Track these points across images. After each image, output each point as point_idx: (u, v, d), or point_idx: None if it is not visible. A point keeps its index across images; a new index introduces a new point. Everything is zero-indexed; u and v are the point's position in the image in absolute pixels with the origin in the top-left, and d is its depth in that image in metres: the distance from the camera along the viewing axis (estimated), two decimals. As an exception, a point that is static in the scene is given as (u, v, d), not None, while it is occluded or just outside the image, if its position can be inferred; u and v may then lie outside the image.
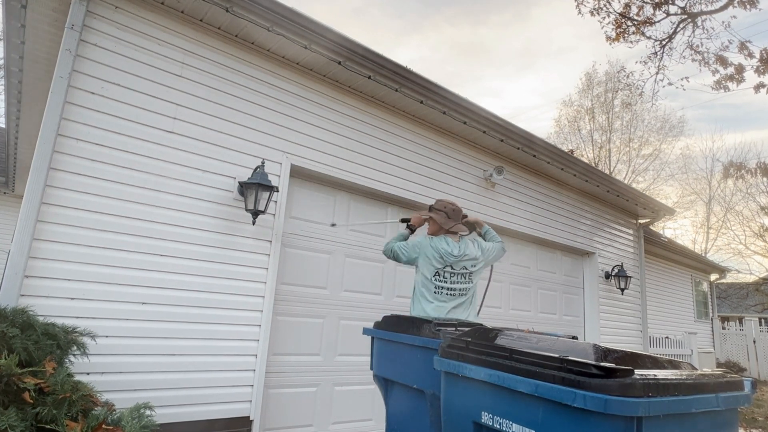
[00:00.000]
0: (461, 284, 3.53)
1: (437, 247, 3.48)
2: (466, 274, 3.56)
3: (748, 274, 24.40)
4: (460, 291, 3.53)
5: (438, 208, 3.64)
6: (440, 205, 3.66)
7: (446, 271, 3.48)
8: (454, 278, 3.50)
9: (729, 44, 8.71)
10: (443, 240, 3.53)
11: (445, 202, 3.69)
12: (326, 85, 4.69)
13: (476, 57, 45.07)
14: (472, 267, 3.60)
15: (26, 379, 2.23)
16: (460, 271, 3.53)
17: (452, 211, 3.62)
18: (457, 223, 3.64)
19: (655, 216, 9.18)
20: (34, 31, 3.93)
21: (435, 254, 3.45)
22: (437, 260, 3.46)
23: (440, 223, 3.59)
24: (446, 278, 3.48)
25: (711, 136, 44.97)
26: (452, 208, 3.65)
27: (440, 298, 3.45)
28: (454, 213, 3.63)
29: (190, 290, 3.65)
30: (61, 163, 3.21)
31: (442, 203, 3.68)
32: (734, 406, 1.86)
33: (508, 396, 1.89)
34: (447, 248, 3.48)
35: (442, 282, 3.47)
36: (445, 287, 3.47)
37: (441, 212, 3.62)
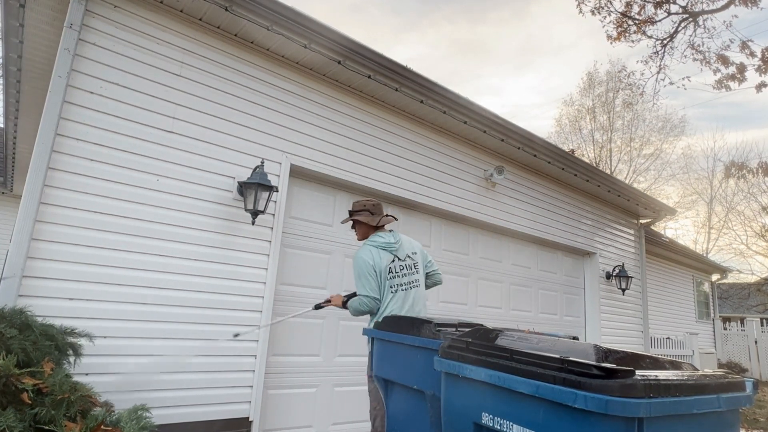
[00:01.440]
0: (411, 275, 3.35)
1: (377, 243, 3.30)
2: (412, 264, 3.39)
3: (749, 275, 24.36)
4: (413, 283, 3.34)
5: (358, 209, 3.43)
6: (358, 205, 3.45)
7: (395, 265, 3.29)
8: (404, 270, 3.32)
9: (730, 43, 8.71)
10: (376, 236, 3.35)
11: (363, 201, 3.48)
12: (326, 84, 4.68)
13: (475, 54, 45.05)
14: (414, 256, 3.43)
15: (24, 379, 2.22)
16: (406, 262, 3.36)
17: (373, 206, 3.44)
18: (383, 216, 3.45)
19: (656, 216, 9.16)
20: (32, 31, 3.92)
21: (379, 254, 3.26)
22: (384, 257, 3.26)
23: (367, 222, 3.39)
24: (398, 273, 3.29)
25: (712, 135, 44.96)
26: (372, 203, 3.46)
27: (397, 297, 3.25)
28: (376, 207, 3.45)
29: (190, 290, 3.64)
30: (60, 162, 3.20)
31: (360, 203, 3.47)
32: (735, 406, 1.86)
33: (509, 397, 1.88)
34: (383, 240, 3.31)
35: (394, 279, 3.27)
36: (398, 283, 3.27)
37: (363, 212, 3.41)
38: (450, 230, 5.91)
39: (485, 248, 6.30)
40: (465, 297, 5.93)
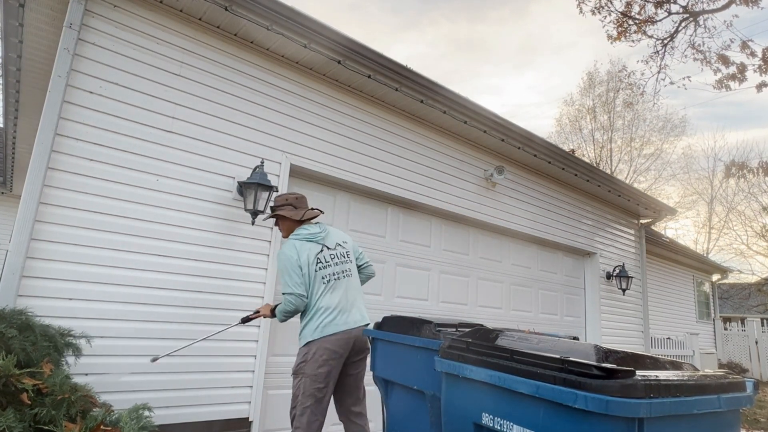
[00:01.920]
0: (343, 263, 3.21)
1: (301, 236, 3.15)
2: (343, 252, 3.25)
3: (750, 275, 24.34)
4: (344, 272, 3.19)
5: (280, 204, 3.27)
6: (280, 200, 3.29)
7: (324, 255, 3.14)
8: (335, 259, 3.17)
9: (731, 43, 8.70)
10: (299, 229, 3.21)
11: (285, 195, 3.32)
12: (326, 84, 4.68)
13: (475, 53, 45.03)
14: (345, 244, 3.31)
15: (24, 380, 2.21)
16: (336, 250, 3.22)
17: (296, 200, 3.28)
18: (308, 209, 3.30)
19: (656, 216, 9.16)
20: (32, 30, 3.92)
21: (306, 246, 3.11)
22: (310, 248, 3.11)
23: (291, 216, 3.22)
24: (328, 262, 3.13)
25: (713, 135, 44.90)
26: (294, 197, 3.30)
27: (330, 287, 3.10)
28: (299, 201, 3.29)
29: (189, 291, 3.64)
30: (60, 162, 3.20)
31: (282, 197, 3.31)
32: (736, 407, 1.86)
33: (509, 397, 1.88)
34: (307, 231, 3.17)
35: (325, 269, 3.10)
36: (330, 272, 3.12)
37: (286, 206, 3.25)
38: (450, 230, 5.90)
39: (485, 248, 6.30)
40: (465, 297, 5.92)
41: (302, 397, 2.93)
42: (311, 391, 2.91)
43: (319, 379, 2.93)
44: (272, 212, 3.31)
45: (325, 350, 2.96)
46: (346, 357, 3.07)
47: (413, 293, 5.37)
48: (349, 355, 3.09)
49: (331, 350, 2.98)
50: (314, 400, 2.91)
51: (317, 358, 2.95)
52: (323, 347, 2.97)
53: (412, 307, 5.24)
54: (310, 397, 2.91)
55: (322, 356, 2.95)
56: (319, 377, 2.93)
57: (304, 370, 2.96)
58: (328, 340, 2.98)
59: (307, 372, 2.95)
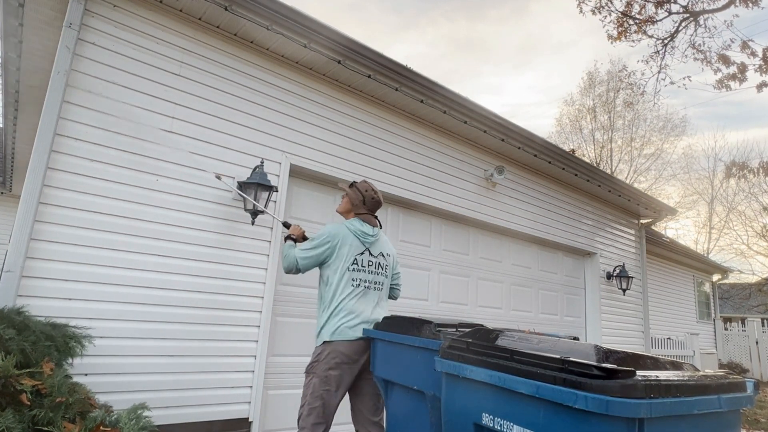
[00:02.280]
0: (378, 275, 3.11)
1: (353, 228, 3.04)
2: (383, 265, 3.14)
3: (750, 275, 24.34)
4: (376, 285, 3.10)
5: (359, 188, 3.17)
6: (362, 186, 3.18)
7: (364, 259, 3.04)
8: (372, 267, 3.07)
9: (731, 43, 8.70)
10: (355, 220, 3.10)
11: (368, 186, 3.19)
12: (326, 84, 4.67)
13: (474, 53, 45.04)
14: (388, 257, 3.19)
15: (23, 380, 2.21)
16: (377, 260, 3.11)
17: (371, 200, 3.15)
18: (371, 215, 3.17)
19: (657, 216, 9.15)
20: (32, 30, 3.92)
21: (352, 239, 3.01)
22: (354, 245, 3.02)
23: (351, 203, 3.16)
24: (364, 267, 3.03)
25: (713, 135, 44.87)
26: (373, 196, 3.15)
27: (353, 297, 2.98)
28: (373, 203, 3.16)
29: (189, 291, 3.64)
30: (59, 162, 3.20)
31: (365, 185, 3.19)
32: (736, 407, 1.85)
33: (509, 397, 1.87)
34: (361, 228, 3.05)
35: (359, 272, 3.01)
36: (362, 278, 3.02)
37: (359, 194, 3.14)
38: (450, 230, 5.90)
39: (485, 248, 6.30)
40: (465, 297, 5.92)
41: (310, 397, 2.87)
42: (320, 392, 2.85)
43: (329, 382, 2.87)
44: (350, 186, 3.21)
45: (339, 353, 2.90)
46: (362, 363, 2.99)
47: (413, 293, 5.36)
48: (367, 362, 3.02)
49: (345, 354, 2.91)
50: (322, 402, 2.84)
51: (329, 360, 2.89)
52: (338, 350, 2.90)
53: (412, 307, 5.23)
54: (318, 398, 2.85)
55: (335, 359, 2.89)
56: (329, 379, 2.87)
57: (316, 370, 2.91)
58: (345, 344, 2.91)
59: (318, 372, 2.90)
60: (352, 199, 3.17)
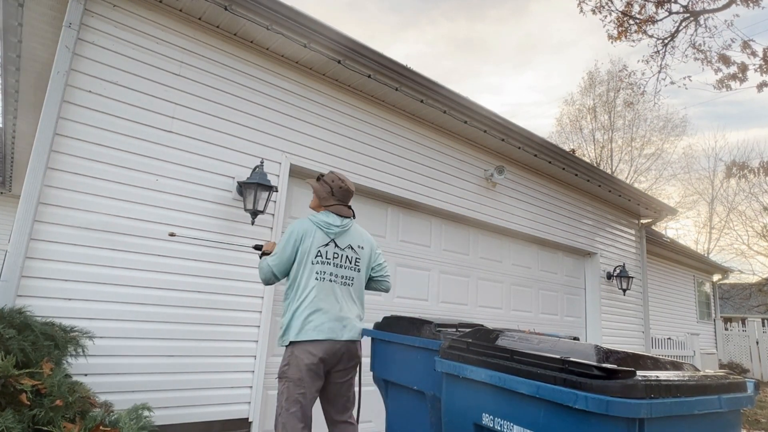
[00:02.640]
0: (347, 269, 2.97)
1: (316, 220, 2.94)
2: (353, 258, 2.99)
3: (751, 275, 24.34)
4: (344, 279, 2.95)
5: (326, 181, 3.03)
6: (329, 177, 3.04)
7: (329, 251, 2.90)
8: (338, 260, 2.93)
9: (732, 43, 8.70)
10: (323, 213, 2.99)
11: (335, 176, 3.04)
12: (326, 84, 4.67)
13: (474, 52, 45.00)
14: (360, 250, 3.04)
15: (23, 380, 2.21)
16: (345, 253, 2.97)
17: (339, 189, 3.00)
18: (342, 205, 3.02)
19: (657, 216, 9.15)
20: (31, 30, 3.92)
21: (315, 230, 2.90)
22: (317, 236, 2.90)
23: (318, 197, 3.04)
24: (329, 259, 2.89)
25: (714, 134, 44.86)
26: (340, 185, 3.01)
27: (323, 287, 2.85)
28: (341, 193, 3.01)
29: (189, 291, 3.63)
30: (59, 162, 3.19)
31: (332, 176, 3.05)
32: (737, 407, 1.85)
33: (509, 397, 1.87)
34: (324, 219, 2.93)
35: (324, 265, 2.87)
36: (326, 271, 2.88)
37: (326, 185, 3.01)
38: (450, 230, 5.90)
39: (486, 248, 6.29)
40: (465, 297, 5.92)
41: (286, 402, 2.78)
42: (295, 396, 2.75)
43: (303, 385, 2.76)
44: (316, 180, 3.10)
45: (308, 354, 2.76)
46: (331, 364, 2.87)
47: (413, 293, 5.36)
48: (336, 364, 2.89)
49: (313, 355, 2.77)
50: (299, 406, 2.76)
51: (299, 363, 2.76)
52: (307, 351, 2.77)
53: (411, 307, 5.23)
54: (295, 402, 2.75)
55: (304, 361, 2.76)
56: (303, 382, 2.76)
57: (288, 374, 2.79)
58: (313, 345, 2.78)
59: (290, 376, 2.78)
60: (318, 192, 3.05)
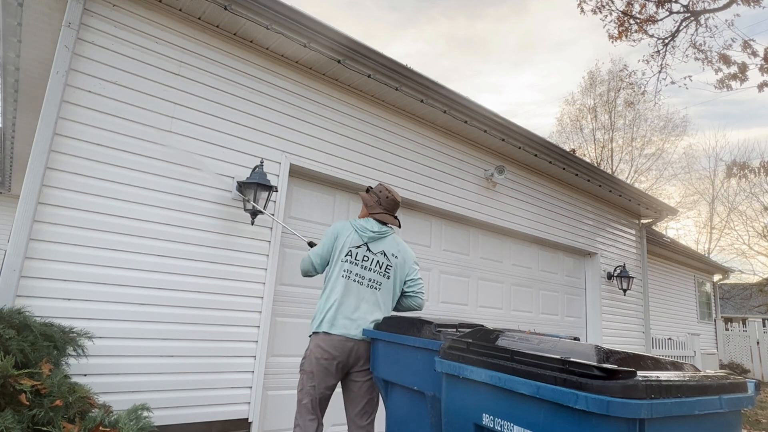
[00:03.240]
0: (375, 273, 3.03)
1: (356, 224, 3.08)
2: (383, 264, 3.05)
3: (751, 275, 24.35)
4: (370, 282, 3.02)
5: (375, 191, 3.19)
6: (378, 188, 3.20)
7: (360, 252, 3.01)
8: (367, 263, 3.01)
9: (732, 42, 8.72)
10: (365, 220, 3.12)
11: (383, 187, 3.19)
12: (326, 83, 4.67)
13: (473, 51, 44.89)
14: (393, 258, 3.10)
15: (22, 380, 2.21)
16: (377, 258, 3.04)
17: (386, 199, 3.14)
18: (387, 214, 3.14)
19: (657, 216, 9.14)
20: (30, 30, 3.91)
21: (351, 232, 3.04)
22: (352, 237, 3.03)
23: (366, 205, 3.18)
24: (357, 260, 2.99)
25: (714, 134, 44.89)
26: (387, 195, 3.14)
27: (344, 288, 2.97)
28: (388, 202, 3.14)
29: (188, 291, 3.63)
30: (58, 162, 3.19)
31: (380, 187, 3.20)
32: (737, 408, 1.84)
33: (510, 398, 1.86)
34: (363, 224, 3.06)
35: (352, 264, 2.99)
36: (354, 272, 2.98)
37: (374, 195, 3.17)
38: (450, 230, 5.89)
39: (486, 248, 6.29)
40: (465, 297, 5.91)
41: (300, 393, 2.93)
42: (308, 388, 2.90)
43: (313, 377, 2.89)
44: (366, 191, 3.26)
45: (318, 348, 2.92)
46: (346, 362, 2.97)
47: (413, 293, 5.35)
48: (353, 362, 3.00)
49: (323, 349, 2.91)
50: (310, 398, 2.89)
51: (311, 356, 2.93)
52: (318, 345, 2.93)
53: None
54: (307, 394, 2.90)
55: (314, 354, 2.92)
56: (313, 375, 2.90)
57: (303, 366, 2.97)
58: (324, 339, 2.92)
59: (305, 368, 2.95)
60: (366, 201, 3.21)
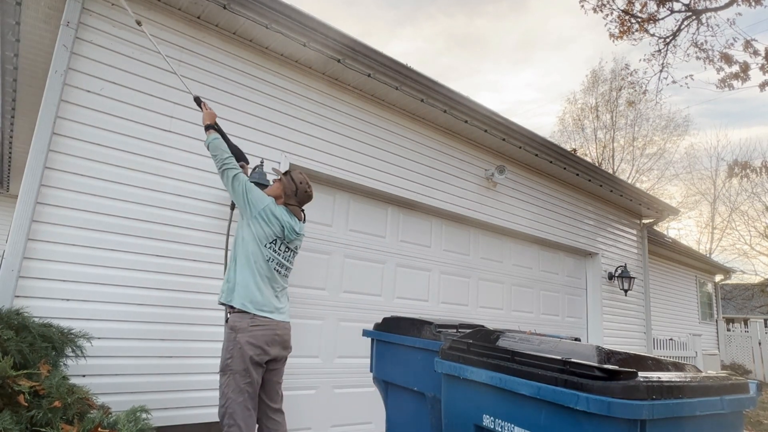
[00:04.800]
0: (288, 263, 3.13)
1: (282, 216, 3.04)
2: (293, 254, 3.18)
3: (753, 275, 24.33)
4: (286, 271, 3.12)
5: (294, 179, 3.16)
6: (298, 177, 3.18)
7: (280, 245, 3.06)
8: (287, 254, 3.09)
9: (734, 41, 8.65)
10: (287, 212, 3.10)
11: (303, 178, 3.19)
12: (326, 83, 4.66)
13: (472, 49, 44.63)
14: (296, 250, 3.23)
15: (21, 381, 2.20)
16: (292, 249, 3.16)
17: (303, 194, 3.17)
18: (297, 207, 3.19)
19: (659, 216, 9.12)
20: (29, 29, 3.90)
21: (278, 222, 3.00)
22: (278, 230, 3.01)
23: (285, 191, 3.14)
24: (279, 251, 3.03)
25: (716, 133, 44.80)
26: (305, 189, 3.18)
27: (270, 273, 2.98)
28: (304, 196, 3.19)
29: (188, 291, 3.62)
30: (57, 162, 3.18)
31: (302, 177, 3.20)
32: (739, 409, 1.84)
33: (510, 398, 1.86)
34: (291, 222, 3.07)
35: (274, 253, 3.00)
36: (276, 260, 3.02)
37: (293, 184, 3.14)
38: (451, 230, 5.88)
39: (486, 248, 6.27)
40: (466, 298, 5.90)
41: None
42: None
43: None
44: (284, 173, 3.21)
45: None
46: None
47: (413, 294, 5.35)
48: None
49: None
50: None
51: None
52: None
53: (412, 307, 5.22)
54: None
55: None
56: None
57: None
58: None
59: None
60: (285, 187, 3.14)
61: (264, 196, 3.03)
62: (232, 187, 2.98)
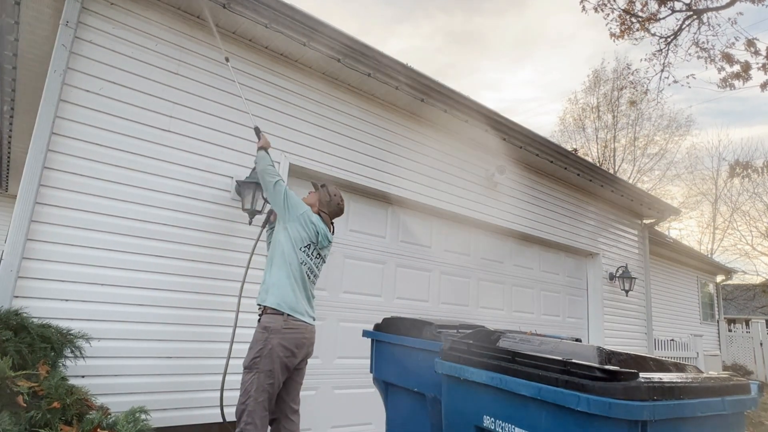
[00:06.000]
0: (318, 269, 3.25)
1: (318, 223, 3.19)
2: (322, 262, 3.29)
3: (754, 276, 24.27)
4: (314, 278, 3.23)
5: (330, 192, 3.38)
6: (333, 191, 3.40)
7: (313, 250, 3.17)
8: (317, 261, 3.21)
9: (735, 41, 8.64)
10: (321, 220, 3.26)
11: (337, 192, 3.42)
12: (325, 83, 4.65)
13: (471, 47, 44.18)
14: (326, 258, 3.37)
15: (20, 382, 2.20)
16: (323, 257, 3.28)
17: (336, 206, 3.38)
18: (329, 218, 3.35)
19: (660, 216, 9.11)
20: (28, 29, 3.89)
21: (314, 228, 3.14)
22: (313, 235, 3.13)
23: (321, 201, 3.32)
24: (311, 256, 3.15)
25: (717, 133, 44.73)
26: (338, 203, 3.39)
27: (302, 277, 3.08)
28: (336, 209, 3.39)
29: (187, 292, 3.61)
30: (56, 162, 3.17)
31: (336, 190, 3.42)
32: (741, 409, 1.83)
33: (511, 399, 1.85)
34: (324, 230, 3.23)
35: (307, 258, 3.11)
36: (308, 264, 3.13)
37: (328, 196, 3.35)
38: (451, 230, 5.87)
39: (487, 249, 6.26)
40: (466, 298, 5.89)
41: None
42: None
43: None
44: (320, 186, 3.41)
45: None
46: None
47: (414, 294, 5.34)
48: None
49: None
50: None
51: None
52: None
53: (412, 308, 5.21)
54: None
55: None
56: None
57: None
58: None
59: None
60: (321, 198, 3.33)
61: (302, 203, 3.19)
62: (274, 191, 3.11)
